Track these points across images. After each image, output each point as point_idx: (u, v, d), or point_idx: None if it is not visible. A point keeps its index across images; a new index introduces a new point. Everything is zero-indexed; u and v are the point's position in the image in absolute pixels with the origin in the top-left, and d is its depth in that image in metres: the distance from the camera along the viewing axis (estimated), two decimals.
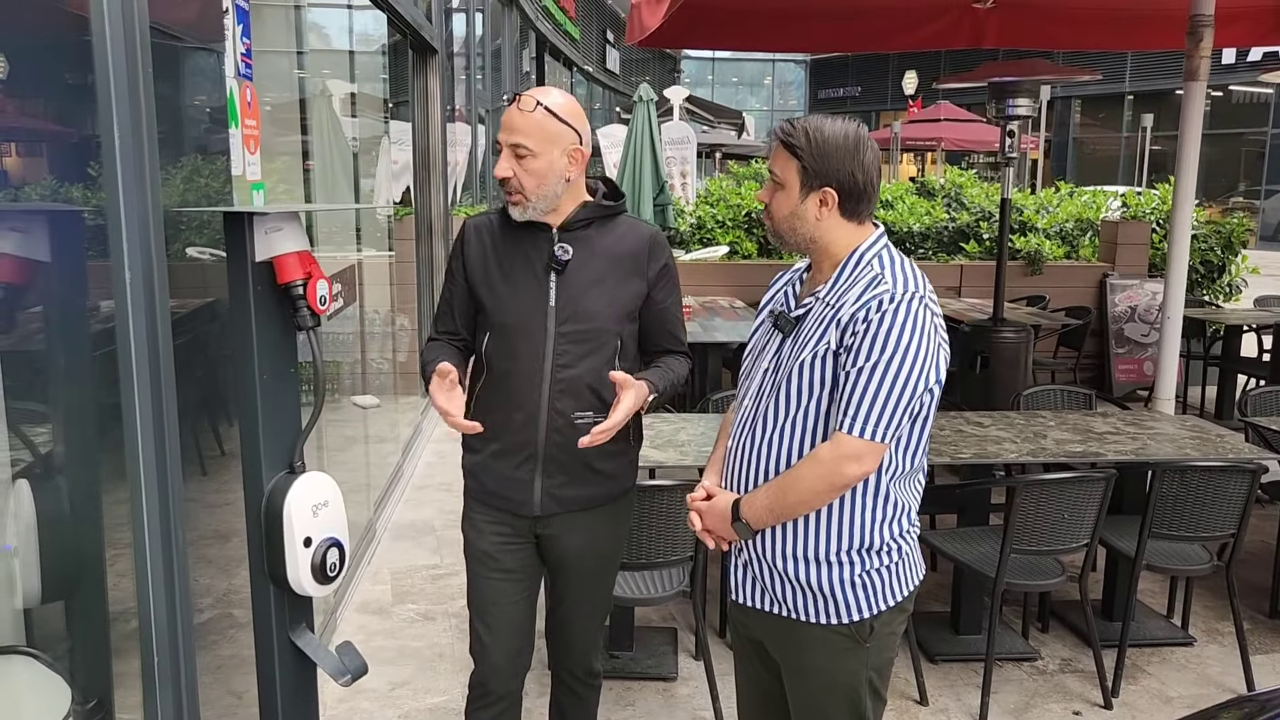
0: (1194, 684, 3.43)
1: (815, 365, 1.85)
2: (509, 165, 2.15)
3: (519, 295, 2.24)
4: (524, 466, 2.27)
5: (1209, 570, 3.42)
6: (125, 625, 1.99)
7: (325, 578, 2.07)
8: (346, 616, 3.84)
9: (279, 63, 3.91)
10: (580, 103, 2.97)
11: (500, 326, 2.26)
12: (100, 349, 1.86)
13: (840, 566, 1.90)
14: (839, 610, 1.91)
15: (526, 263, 2.24)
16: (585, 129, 2.21)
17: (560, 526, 2.32)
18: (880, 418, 1.78)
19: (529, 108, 2.13)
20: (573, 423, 2.23)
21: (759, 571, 1.98)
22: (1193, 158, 4.59)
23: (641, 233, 2.31)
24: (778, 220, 1.92)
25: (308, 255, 2.01)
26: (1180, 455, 3.40)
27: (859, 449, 1.79)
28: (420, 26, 6.02)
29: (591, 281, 2.23)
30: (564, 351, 2.22)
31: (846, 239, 1.90)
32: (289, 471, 2.07)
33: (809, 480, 1.83)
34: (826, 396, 1.85)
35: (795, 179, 1.87)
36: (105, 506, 2.05)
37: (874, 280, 1.84)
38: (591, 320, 2.23)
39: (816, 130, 1.85)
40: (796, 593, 1.93)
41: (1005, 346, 5.27)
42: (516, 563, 2.35)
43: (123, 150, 1.75)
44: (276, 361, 2.04)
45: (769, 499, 1.88)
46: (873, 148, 1.87)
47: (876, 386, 1.77)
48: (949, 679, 3.44)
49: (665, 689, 3.36)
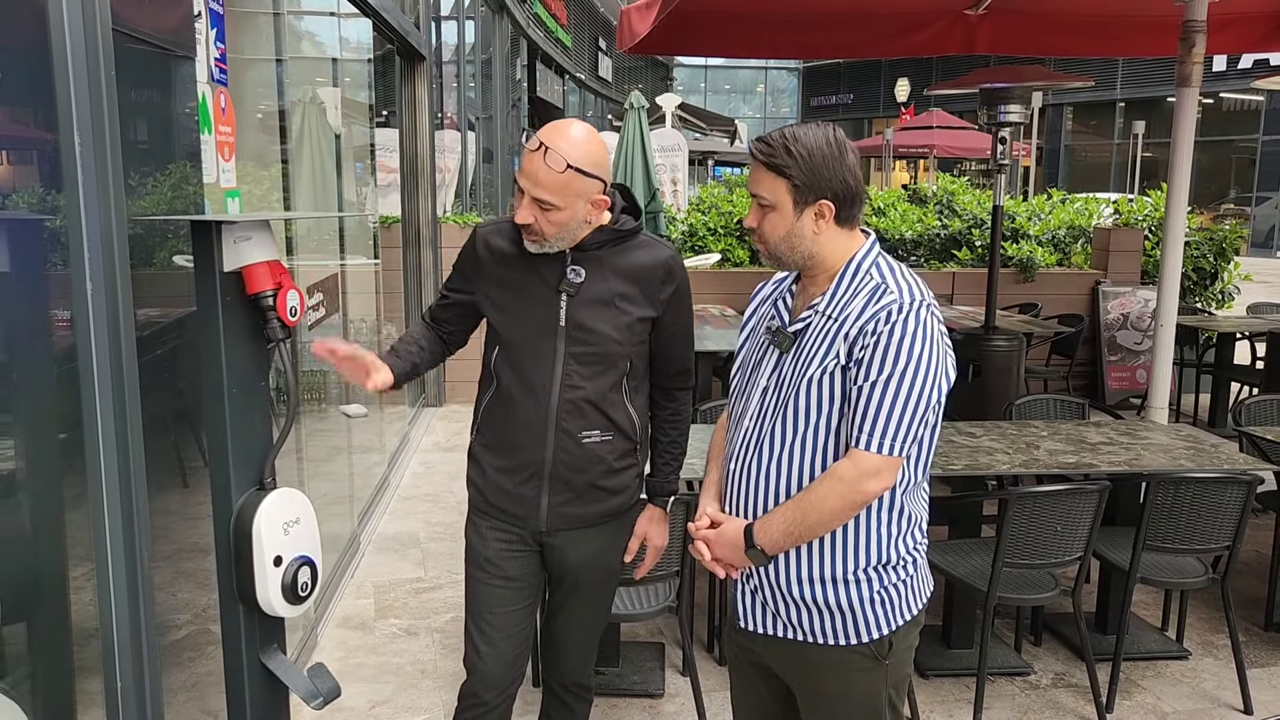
0: (1189, 698, 3.37)
1: (824, 381, 1.80)
2: (531, 213, 2.07)
3: (529, 313, 2.19)
4: (529, 483, 2.24)
5: (1204, 583, 3.37)
6: (92, 645, 1.93)
7: (296, 598, 2.01)
8: (327, 632, 3.77)
9: (262, 70, 3.85)
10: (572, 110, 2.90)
11: (509, 343, 2.22)
12: (62, 361, 1.80)
13: (859, 584, 1.84)
14: (858, 629, 1.86)
15: (539, 281, 2.18)
16: (608, 171, 2.15)
17: (565, 539, 2.28)
18: (898, 431, 1.73)
19: (558, 167, 2.02)
20: (580, 442, 2.20)
21: (769, 596, 1.91)
22: (1185, 164, 4.56)
23: (657, 256, 2.23)
24: (773, 243, 1.85)
25: (278, 265, 1.96)
26: (1174, 466, 3.35)
27: (878, 465, 1.74)
28: (407, 34, 5.97)
29: (602, 303, 2.18)
30: (573, 372, 2.18)
31: (843, 248, 1.85)
32: (259, 488, 2.01)
33: (831, 500, 1.77)
34: (836, 412, 1.80)
35: (786, 198, 1.80)
36: (68, 524, 1.99)
37: (876, 290, 1.79)
38: (600, 342, 2.18)
39: (800, 144, 1.77)
40: (813, 615, 1.88)
41: (997, 355, 5.22)
42: (519, 570, 2.31)
43: (83, 157, 1.69)
44: (246, 375, 1.98)
45: (786, 523, 1.81)
46: (853, 149, 1.83)
47: (892, 400, 1.73)
48: (940, 694, 3.38)
49: (651, 706, 3.30)
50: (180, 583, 2.78)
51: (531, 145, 2.07)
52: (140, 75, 2.41)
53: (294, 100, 4.24)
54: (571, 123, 2.13)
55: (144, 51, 2.38)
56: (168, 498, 2.70)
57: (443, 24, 8.90)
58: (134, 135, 2.28)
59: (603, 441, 2.21)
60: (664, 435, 2.40)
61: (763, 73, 40.61)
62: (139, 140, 2.43)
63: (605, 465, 2.23)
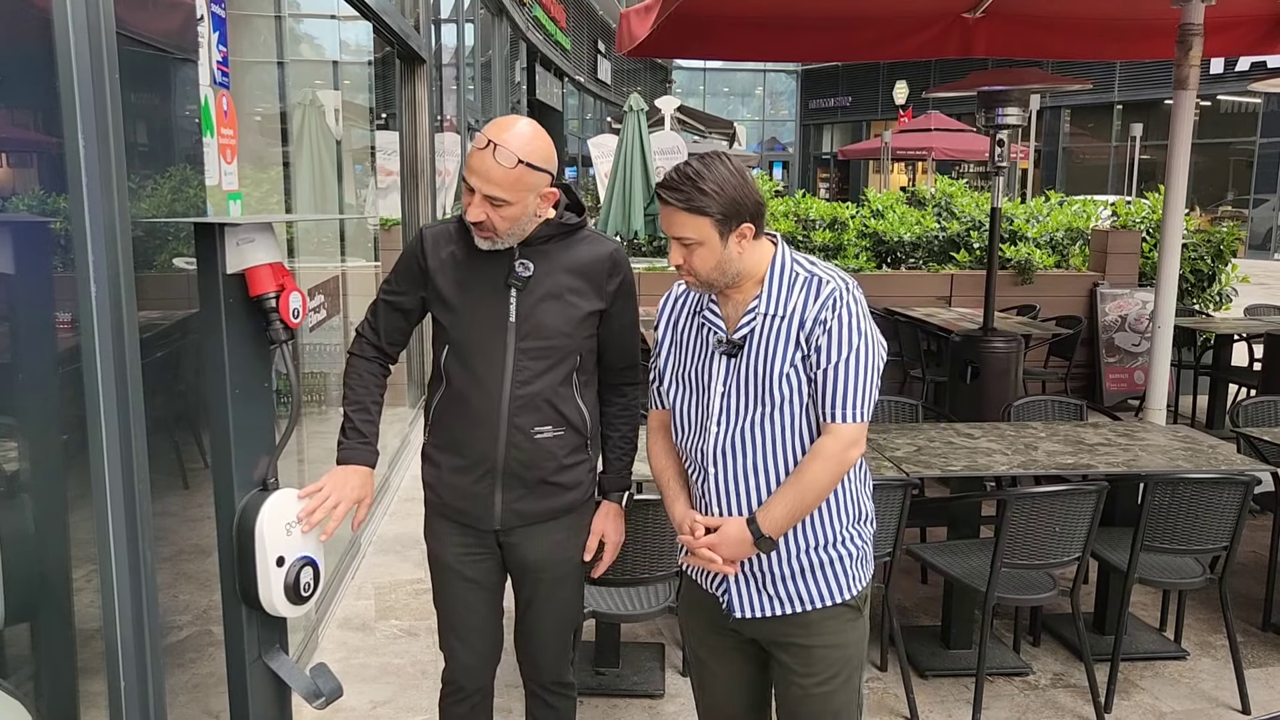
0: (1187, 698, 3.39)
1: (790, 374, 1.96)
2: (482, 210, 2.09)
3: (479, 311, 2.21)
4: (483, 481, 2.26)
5: (1202, 583, 3.39)
6: (95, 645, 1.94)
7: (299, 598, 2.02)
8: (328, 633, 3.78)
9: (263, 73, 3.87)
10: (572, 113, 2.91)
11: (459, 342, 2.24)
12: (66, 362, 1.81)
13: (849, 539, 2.04)
14: (847, 585, 2.05)
15: (487, 278, 2.21)
16: (555, 165, 2.17)
17: (522, 536, 2.31)
18: (863, 400, 1.94)
19: (508, 163, 2.05)
20: (532, 438, 2.23)
21: (763, 581, 2.05)
22: (1183, 166, 4.57)
23: (602, 249, 2.28)
24: (704, 273, 1.97)
25: (280, 267, 1.97)
26: (1172, 467, 3.36)
27: (855, 433, 1.94)
28: (408, 36, 5.99)
29: (551, 297, 2.21)
30: (524, 368, 2.20)
31: (762, 254, 2.01)
32: (262, 489, 2.02)
33: (824, 476, 1.94)
34: (800, 399, 1.97)
35: (712, 232, 1.92)
36: (72, 524, 2.00)
37: (810, 282, 1.97)
38: (551, 336, 2.21)
39: (709, 181, 1.89)
40: (809, 582, 2.03)
41: (995, 356, 5.23)
42: (478, 573, 2.35)
43: (87, 158, 1.70)
44: (249, 376, 1.99)
45: (788, 506, 1.96)
46: (746, 168, 1.98)
47: (855, 374, 1.93)
48: (939, 694, 3.39)
49: (651, 706, 3.31)
50: (181, 584, 2.79)
51: (479, 143, 2.09)
52: (143, 78, 2.42)
53: (294, 103, 4.26)
54: (517, 119, 2.17)
55: (146, 54, 2.39)
56: (168, 499, 2.70)
57: (442, 27, 8.92)
58: (136, 138, 2.29)
59: (554, 437, 2.23)
60: (614, 431, 2.41)
61: (761, 76, 40.66)
62: (141, 143, 2.44)
63: (556, 461, 2.25)
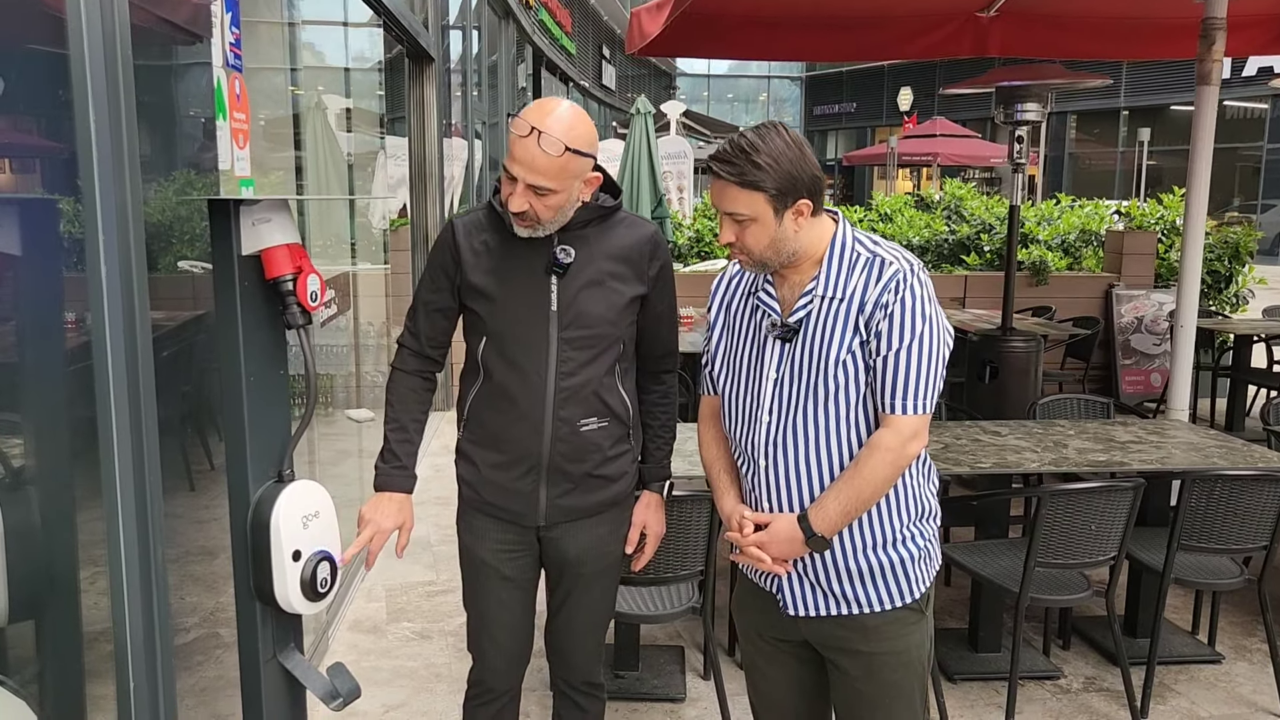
0: (1225, 703, 3.29)
1: (847, 360, 1.83)
2: (525, 200, 2.00)
3: (518, 300, 2.12)
4: (527, 478, 2.17)
5: (1240, 584, 3.29)
6: (103, 646, 1.86)
7: (315, 594, 1.93)
8: (339, 635, 3.69)
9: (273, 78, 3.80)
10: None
11: (498, 334, 2.14)
12: (77, 356, 1.74)
13: (906, 541, 1.91)
14: (910, 588, 1.92)
15: (526, 266, 2.12)
16: (598, 148, 2.07)
17: (564, 531, 2.22)
18: (926, 390, 1.81)
19: (555, 151, 1.94)
20: (578, 430, 2.14)
21: (820, 579, 1.93)
22: (1205, 163, 4.50)
23: (642, 231, 2.19)
24: (758, 252, 1.85)
25: (298, 248, 1.89)
26: (1208, 464, 3.27)
27: (916, 425, 1.81)
28: (418, 34, 5.93)
29: (593, 284, 2.12)
30: (568, 358, 2.11)
31: (821, 233, 1.89)
32: (277, 480, 1.94)
33: (881, 470, 1.81)
34: (863, 384, 1.84)
35: (765, 208, 1.80)
36: (81, 522, 1.92)
37: (871, 263, 1.84)
38: (595, 325, 2.12)
39: (763, 154, 1.77)
40: (868, 584, 1.91)
41: (1015, 356, 5.15)
42: (515, 570, 2.25)
43: (100, 144, 1.62)
44: (265, 363, 1.91)
45: (843, 503, 1.83)
46: (806, 140, 1.86)
47: (919, 362, 1.79)
48: (969, 699, 3.30)
49: (672, 710, 3.22)
50: (188, 586, 2.71)
51: (521, 130, 1.96)
52: (154, 57, 2.35)
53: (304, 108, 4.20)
54: (557, 101, 2.05)
55: (158, 32, 2.32)
56: (175, 500, 2.63)
57: (449, 31, 8.87)
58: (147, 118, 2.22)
59: (599, 428, 2.15)
60: (654, 420, 2.34)
61: (765, 81, 40.68)
62: (152, 124, 2.37)
63: (601, 453, 2.17)
